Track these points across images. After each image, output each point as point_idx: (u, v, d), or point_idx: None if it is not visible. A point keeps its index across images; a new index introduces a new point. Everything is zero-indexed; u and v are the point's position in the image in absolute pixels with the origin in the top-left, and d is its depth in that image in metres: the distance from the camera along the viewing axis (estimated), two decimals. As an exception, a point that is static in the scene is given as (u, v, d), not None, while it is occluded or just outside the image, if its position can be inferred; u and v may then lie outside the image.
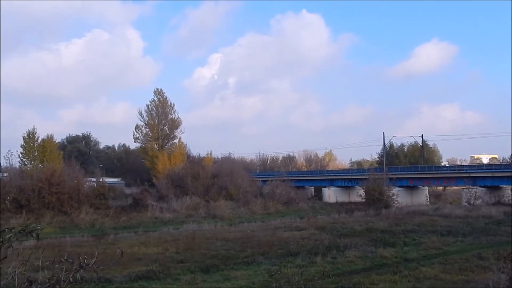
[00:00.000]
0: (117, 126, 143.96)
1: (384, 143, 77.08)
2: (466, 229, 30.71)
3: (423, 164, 72.98)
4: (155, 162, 65.37)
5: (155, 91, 71.22)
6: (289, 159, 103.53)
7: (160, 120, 70.63)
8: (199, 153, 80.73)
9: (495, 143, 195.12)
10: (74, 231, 34.32)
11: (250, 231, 32.51)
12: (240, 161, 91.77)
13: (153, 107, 70.45)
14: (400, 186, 59.03)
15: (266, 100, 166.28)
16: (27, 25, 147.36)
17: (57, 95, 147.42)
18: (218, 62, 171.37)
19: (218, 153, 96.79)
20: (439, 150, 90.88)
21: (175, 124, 71.41)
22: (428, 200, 62.51)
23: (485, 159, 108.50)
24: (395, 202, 51.87)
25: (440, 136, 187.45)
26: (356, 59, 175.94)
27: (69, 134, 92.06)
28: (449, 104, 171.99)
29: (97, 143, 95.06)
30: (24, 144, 57.98)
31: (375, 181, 54.10)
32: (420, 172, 63.30)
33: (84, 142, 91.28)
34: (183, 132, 72.28)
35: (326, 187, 69.68)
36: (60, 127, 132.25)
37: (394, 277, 16.63)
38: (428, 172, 62.63)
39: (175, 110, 71.70)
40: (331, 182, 70.40)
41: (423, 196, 63.20)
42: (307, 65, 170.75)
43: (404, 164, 77.90)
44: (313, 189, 74.48)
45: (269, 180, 62.39)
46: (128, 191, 56.34)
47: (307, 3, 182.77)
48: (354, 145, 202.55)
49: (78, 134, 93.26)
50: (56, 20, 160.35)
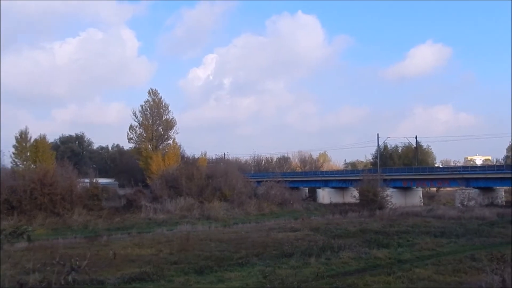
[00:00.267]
0: (111, 127, 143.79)
1: (378, 144, 77.45)
2: (459, 230, 30.73)
3: (417, 165, 73.28)
4: (149, 163, 65.14)
5: (149, 91, 71.17)
6: (284, 160, 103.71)
7: (155, 120, 70.43)
8: (194, 154, 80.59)
9: (489, 145, 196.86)
10: (67, 232, 34.10)
11: (244, 232, 32.44)
12: (234, 161, 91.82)
13: (148, 108, 70.25)
14: (394, 187, 59.31)
15: (261, 101, 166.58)
16: (21, 24, 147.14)
17: (50, 94, 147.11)
18: (214, 63, 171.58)
19: (213, 153, 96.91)
20: (433, 151, 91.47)
21: (169, 125, 71.26)
22: (422, 201, 62.85)
23: (479, 160, 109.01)
24: (389, 203, 52.01)
25: (434, 138, 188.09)
26: (351, 60, 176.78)
27: (62, 134, 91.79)
28: (443, 105, 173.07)
29: (90, 144, 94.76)
30: (16, 144, 57.55)
31: (369, 182, 54.29)
32: (414, 174, 63.60)
33: (77, 142, 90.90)
34: (177, 133, 72.27)
35: (320, 188, 69.87)
36: (53, 127, 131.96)
37: (388, 278, 16.63)
38: (422, 174, 62.93)
39: (170, 110, 71.69)
40: (326, 183, 70.60)
41: (416, 197, 63.51)
42: (302, 66, 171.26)
43: (398, 165, 78.29)
44: (307, 190, 74.63)
45: (263, 181, 62.44)
46: (121, 192, 56.16)
47: (303, 4, 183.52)
48: (348, 146, 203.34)
49: (71, 134, 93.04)
50: (50, 19, 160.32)
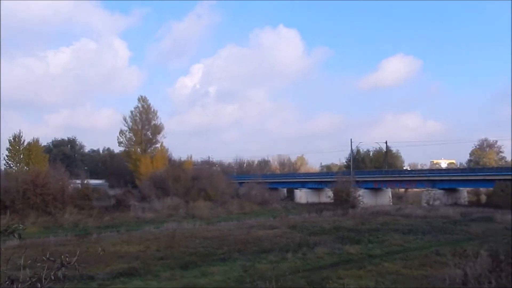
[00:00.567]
0: (102, 131, 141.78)
1: (351, 148, 77.91)
2: (425, 228, 31.07)
3: (387, 168, 73.86)
4: (138, 165, 64.63)
5: (139, 98, 70.49)
6: (264, 163, 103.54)
7: (144, 125, 69.89)
8: (180, 157, 79.79)
9: (453, 149, 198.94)
10: (58, 231, 33.54)
11: (226, 229, 32.35)
12: (218, 164, 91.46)
13: (137, 113, 69.68)
14: (365, 188, 59.63)
15: (244, 108, 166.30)
16: (16, 32, 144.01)
17: (44, 100, 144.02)
18: (200, 72, 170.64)
19: (198, 157, 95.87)
20: (402, 155, 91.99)
21: (157, 130, 70.82)
22: (391, 201, 63.21)
23: (444, 164, 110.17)
24: (361, 203, 52.33)
25: (403, 143, 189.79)
26: (328, 71, 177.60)
27: (55, 138, 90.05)
28: (412, 113, 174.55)
29: (82, 147, 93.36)
30: (10, 147, 56.79)
31: (343, 183, 54.54)
32: (384, 176, 64.11)
33: (69, 145, 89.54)
34: (165, 137, 71.70)
35: (297, 189, 69.89)
36: (46, 131, 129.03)
37: (359, 272, 16.76)
38: (391, 176, 63.47)
39: (158, 116, 71.03)
40: (303, 184, 70.71)
41: (386, 198, 63.89)
42: (283, 76, 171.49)
43: (369, 168, 78.81)
44: (285, 191, 74.65)
45: (245, 182, 62.38)
46: (111, 192, 55.47)
47: (284, 18, 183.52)
48: (324, 151, 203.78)
49: (64, 138, 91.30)
50: (45, 29, 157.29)
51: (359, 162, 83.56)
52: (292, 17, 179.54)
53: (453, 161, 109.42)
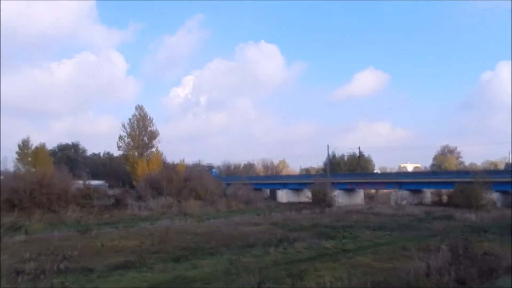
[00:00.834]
0: (102, 136, 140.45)
1: (328, 153, 78.36)
2: (393, 225, 31.24)
3: (360, 171, 74.51)
4: (135, 168, 64.24)
5: (136, 107, 70.24)
6: (249, 166, 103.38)
7: (140, 131, 69.63)
8: (174, 160, 78.93)
9: (418, 155, 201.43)
10: (62, 227, 32.95)
11: (215, 226, 32.18)
12: (208, 167, 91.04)
13: (135, 121, 69.41)
14: (340, 189, 59.84)
15: (231, 116, 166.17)
16: (23, 46, 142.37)
17: (49, 108, 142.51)
18: (191, 83, 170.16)
19: (190, 160, 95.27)
20: (373, 159, 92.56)
21: (153, 135, 70.68)
22: (363, 201, 63.56)
23: (410, 167, 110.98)
24: (336, 202, 52.50)
25: (374, 148, 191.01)
26: (306, 82, 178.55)
27: (60, 143, 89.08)
28: (382, 121, 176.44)
29: (84, 151, 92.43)
30: (19, 150, 56.49)
31: (320, 185, 54.67)
32: (357, 178, 64.53)
33: (73, 149, 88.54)
34: (160, 142, 71.43)
35: (279, 190, 69.81)
36: (52, 136, 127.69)
37: (334, 265, 16.82)
38: (363, 178, 63.92)
39: (154, 123, 70.77)
40: (284, 186, 70.71)
41: (359, 198, 64.25)
42: (265, 87, 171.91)
43: (344, 171, 79.29)
44: (269, 191, 74.45)
45: (232, 183, 62.15)
46: (111, 192, 54.88)
47: (265, 34, 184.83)
48: (303, 155, 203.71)
49: (68, 142, 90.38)
50: (49, 43, 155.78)
51: (334, 165, 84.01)
52: (273, 33, 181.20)
53: (418, 165, 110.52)
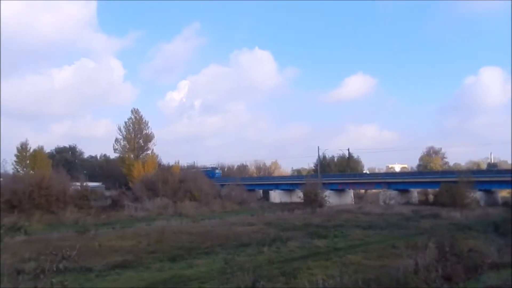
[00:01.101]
0: (99, 139, 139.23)
1: (318, 154, 78.80)
2: (382, 224, 31.28)
3: (349, 171, 74.67)
4: (131, 170, 64.11)
5: (132, 110, 70.49)
6: (243, 167, 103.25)
7: (136, 134, 69.55)
8: (169, 162, 79.28)
9: (405, 155, 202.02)
10: (60, 227, 32.62)
11: (210, 226, 32.02)
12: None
13: (131, 124, 69.33)
14: (331, 189, 59.88)
15: (225, 119, 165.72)
16: (24, 53, 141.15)
17: (48, 112, 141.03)
18: (186, 88, 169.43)
19: (185, 162, 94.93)
20: (362, 160, 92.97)
21: (148, 138, 70.61)
22: (353, 200, 63.74)
23: (397, 168, 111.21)
24: (327, 202, 52.35)
25: (363, 150, 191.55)
26: (298, 87, 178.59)
27: (58, 146, 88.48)
28: (370, 124, 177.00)
29: (82, 153, 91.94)
30: (18, 153, 56.11)
31: (312, 185, 54.46)
32: (347, 178, 64.78)
33: (70, 152, 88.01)
34: (155, 145, 71.65)
35: (272, 190, 69.87)
36: (50, 139, 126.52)
37: (326, 263, 16.82)
38: (353, 178, 64.18)
39: (149, 126, 70.99)
40: (277, 186, 70.75)
41: (349, 198, 64.43)
42: (259, 91, 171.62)
43: (334, 172, 79.48)
44: (261, 192, 74.44)
45: (226, 184, 62.07)
46: (108, 193, 54.52)
47: (259, 41, 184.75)
48: (295, 156, 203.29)
49: (65, 145, 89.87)
50: (50, 50, 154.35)
51: (325, 166, 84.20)
52: (266, 40, 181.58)
53: (405, 165, 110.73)
